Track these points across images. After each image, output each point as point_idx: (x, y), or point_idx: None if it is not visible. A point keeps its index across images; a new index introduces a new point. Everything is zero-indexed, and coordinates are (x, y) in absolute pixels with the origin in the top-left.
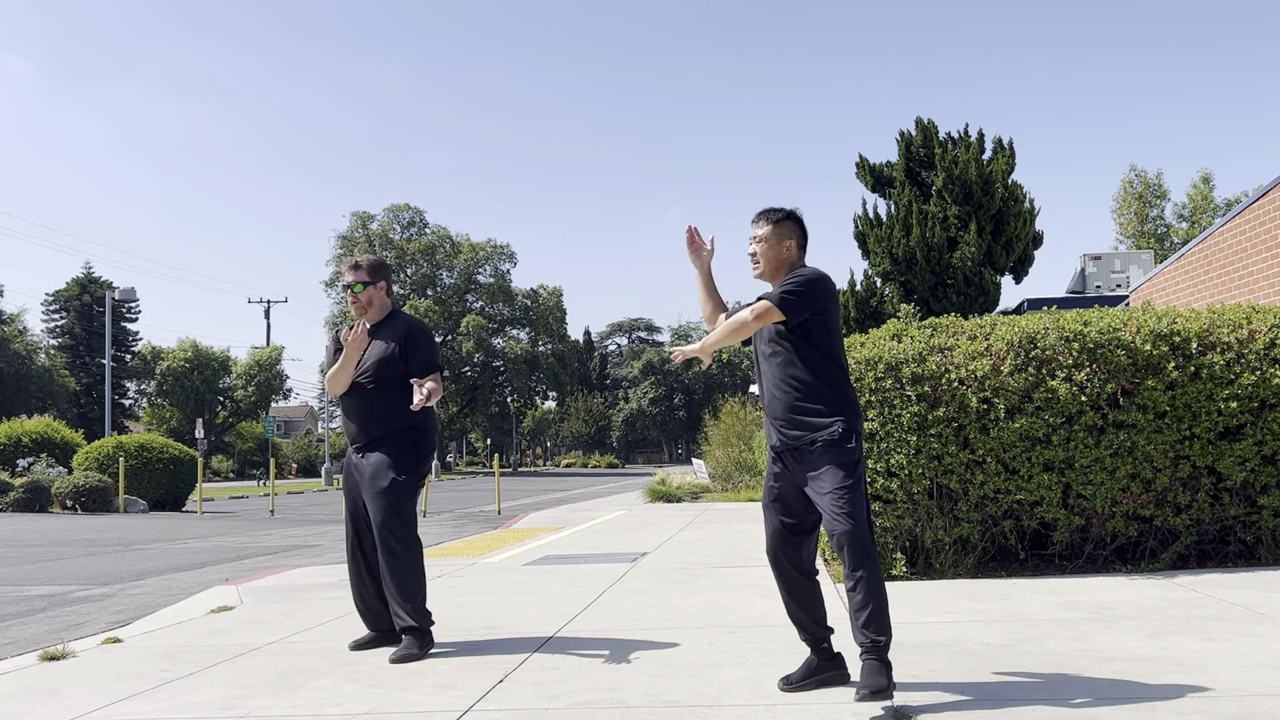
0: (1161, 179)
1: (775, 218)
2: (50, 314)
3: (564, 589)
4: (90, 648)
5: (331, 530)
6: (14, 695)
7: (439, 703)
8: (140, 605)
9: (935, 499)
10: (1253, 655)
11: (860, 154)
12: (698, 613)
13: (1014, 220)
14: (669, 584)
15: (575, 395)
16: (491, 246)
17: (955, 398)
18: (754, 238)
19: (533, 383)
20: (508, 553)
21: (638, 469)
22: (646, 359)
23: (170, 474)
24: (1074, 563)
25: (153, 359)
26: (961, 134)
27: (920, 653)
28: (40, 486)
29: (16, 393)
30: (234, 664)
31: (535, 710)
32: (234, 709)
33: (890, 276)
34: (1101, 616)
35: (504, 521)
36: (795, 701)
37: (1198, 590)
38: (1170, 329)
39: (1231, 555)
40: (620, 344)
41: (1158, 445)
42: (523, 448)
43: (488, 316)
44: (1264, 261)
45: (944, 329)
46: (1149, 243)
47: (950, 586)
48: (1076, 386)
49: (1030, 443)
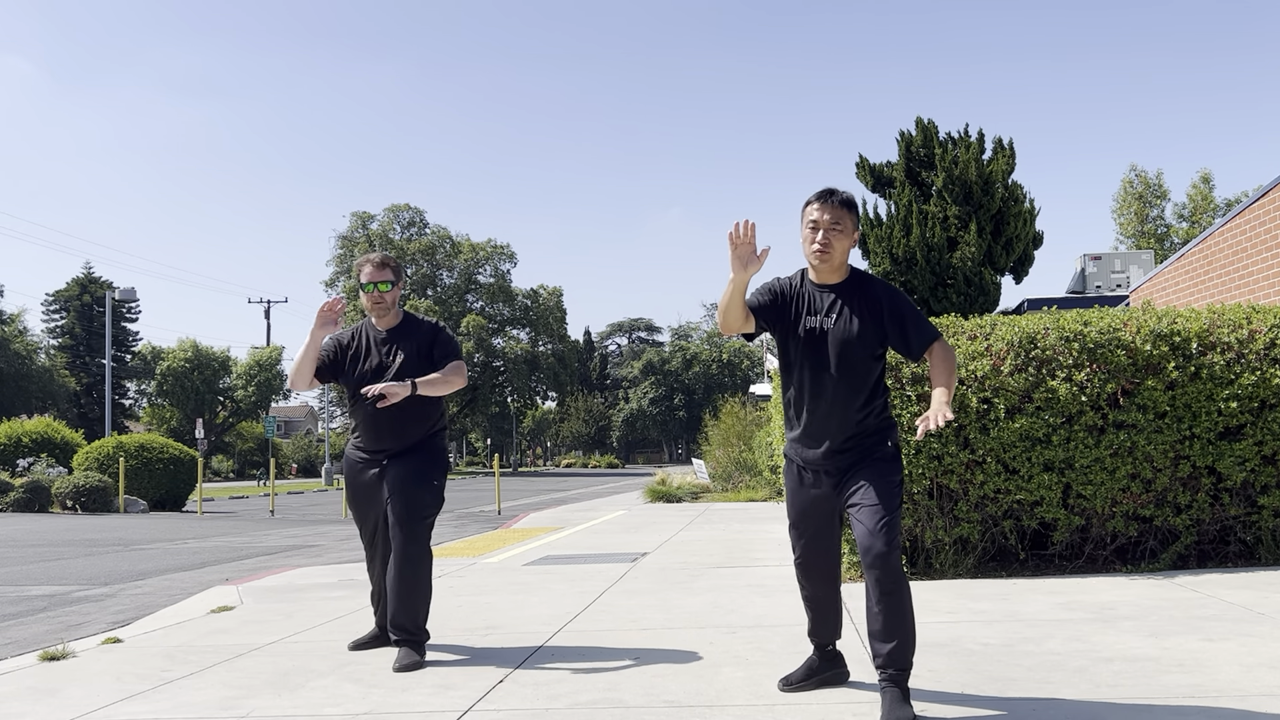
0: (1161, 179)
1: (854, 205)
2: (50, 314)
3: (564, 589)
4: (90, 648)
5: (332, 530)
6: (14, 695)
7: (439, 703)
8: (140, 605)
9: (935, 499)
10: (1253, 655)
11: (860, 154)
12: (698, 613)
13: (1014, 220)
14: (669, 584)
15: (575, 395)
16: (491, 246)
17: (955, 398)
18: (825, 224)
19: (533, 383)
20: (508, 553)
21: (638, 469)
22: (646, 359)
23: (170, 474)
24: (1074, 563)
25: (153, 359)
26: (961, 134)
27: (920, 653)
28: (40, 486)
29: (16, 393)
30: (234, 664)
31: (535, 710)
32: (234, 709)
33: (890, 276)
34: (1101, 616)
35: (504, 521)
36: (795, 701)
37: (1198, 590)
38: (1170, 329)
39: (1231, 555)
40: (620, 344)
41: (1158, 445)
42: (523, 448)
43: (488, 316)
44: (1264, 261)
45: (944, 329)
46: (1149, 243)
47: (950, 586)
48: (1076, 386)
49: (1030, 443)
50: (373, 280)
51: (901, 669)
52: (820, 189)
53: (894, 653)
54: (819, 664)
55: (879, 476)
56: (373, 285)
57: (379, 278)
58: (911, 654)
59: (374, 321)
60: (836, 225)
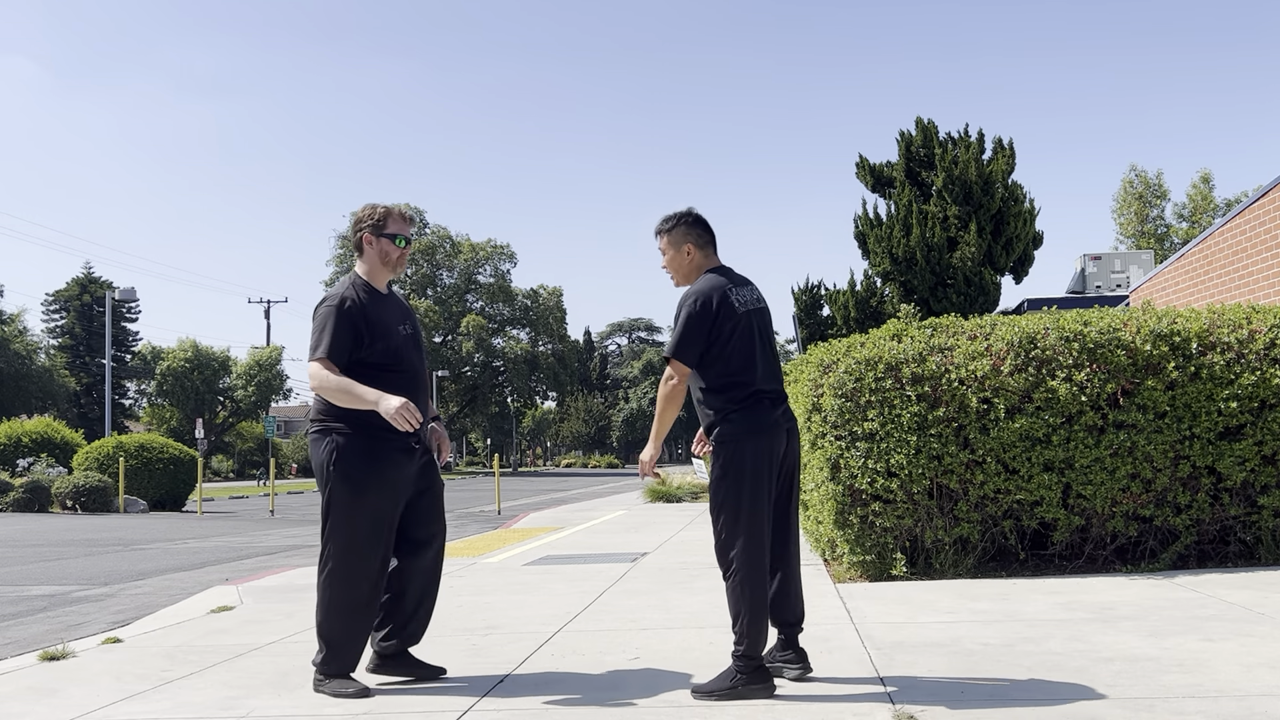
0: (1161, 179)
1: (666, 228)
2: (50, 314)
3: (564, 589)
4: (90, 648)
5: None
6: (14, 695)
7: (439, 703)
8: (140, 605)
9: (935, 499)
10: (1253, 655)
11: (860, 154)
12: (698, 612)
13: (1014, 220)
14: (669, 584)
15: (575, 395)
16: (491, 246)
17: (955, 398)
18: (659, 252)
19: (533, 383)
20: (508, 553)
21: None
22: (646, 359)
23: (170, 474)
24: (1074, 563)
25: (153, 359)
26: (961, 134)
27: (920, 653)
28: (40, 486)
29: (16, 393)
30: (234, 664)
31: (535, 710)
32: (234, 709)
33: (890, 276)
34: (1101, 616)
35: (504, 521)
36: (795, 701)
37: (1198, 590)
38: (1170, 329)
39: (1231, 555)
40: (620, 344)
41: (1158, 445)
42: (523, 448)
43: (488, 316)
44: (1264, 261)
45: (944, 329)
46: (1149, 243)
47: (950, 586)
48: (1076, 386)
49: (1030, 443)
50: (404, 234)
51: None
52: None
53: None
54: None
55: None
56: (404, 240)
57: (410, 232)
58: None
59: (376, 281)
60: (661, 252)
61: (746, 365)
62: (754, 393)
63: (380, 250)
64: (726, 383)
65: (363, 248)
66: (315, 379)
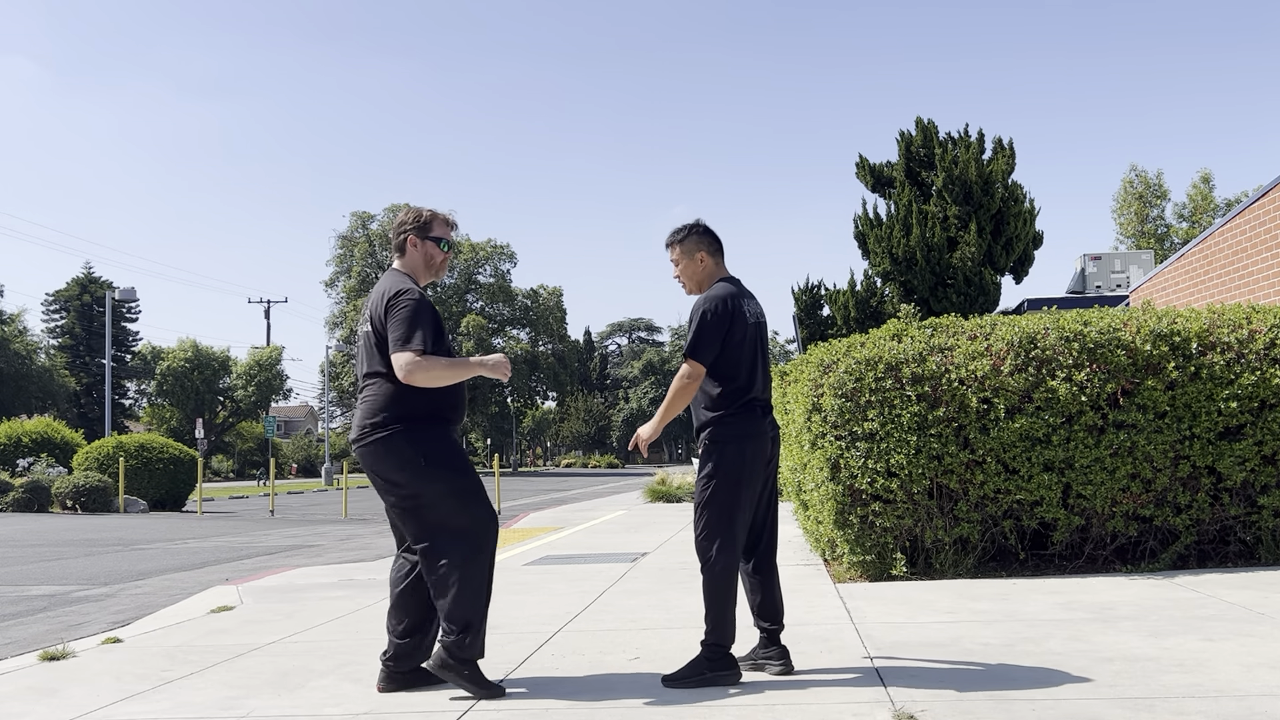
0: (1161, 179)
1: (678, 238)
2: (50, 314)
3: (564, 589)
4: (90, 648)
5: (331, 530)
6: (14, 695)
7: (439, 703)
8: (140, 605)
9: (935, 499)
10: (1253, 655)
11: (860, 154)
12: (697, 612)
13: (1014, 220)
14: (669, 584)
15: (575, 395)
16: (491, 246)
17: (955, 398)
18: (672, 263)
19: (533, 383)
20: (508, 553)
21: (638, 469)
22: (646, 359)
23: (170, 474)
24: (1074, 563)
25: (153, 359)
26: (961, 134)
27: (920, 652)
28: (40, 486)
29: (16, 393)
30: (234, 664)
31: (535, 709)
32: (234, 709)
33: (890, 276)
34: (1101, 616)
35: (504, 521)
36: (795, 701)
37: (1198, 590)
38: (1170, 329)
39: (1231, 555)
40: (620, 344)
41: (1158, 445)
42: (523, 448)
43: (488, 316)
44: (1264, 261)
45: (944, 329)
46: (1149, 243)
47: (950, 586)
48: (1076, 386)
49: (1030, 443)
50: (448, 239)
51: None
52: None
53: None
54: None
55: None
56: (447, 244)
57: (453, 237)
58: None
59: (421, 282)
60: (674, 262)
61: (748, 373)
62: (750, 400)
63: (425, 253)
64: (728, 387)
65: (405, 249)
66: (419, 366)
